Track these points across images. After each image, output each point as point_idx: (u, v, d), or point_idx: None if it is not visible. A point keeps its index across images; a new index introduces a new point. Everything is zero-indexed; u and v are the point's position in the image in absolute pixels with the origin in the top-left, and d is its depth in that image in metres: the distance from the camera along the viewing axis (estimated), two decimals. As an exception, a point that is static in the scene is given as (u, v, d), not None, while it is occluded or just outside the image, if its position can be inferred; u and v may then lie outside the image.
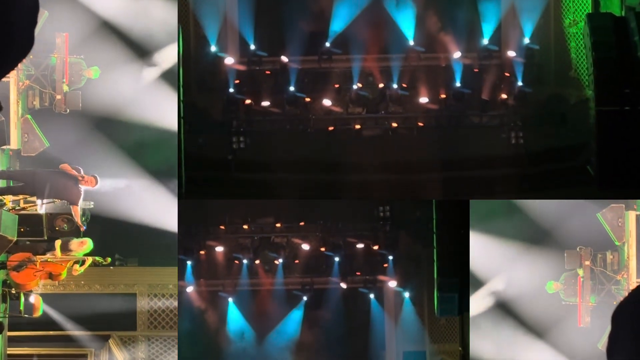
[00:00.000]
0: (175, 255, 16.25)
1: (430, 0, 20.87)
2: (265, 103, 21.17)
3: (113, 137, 14.83)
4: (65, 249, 12.93)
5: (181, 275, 18.81)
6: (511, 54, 20.87)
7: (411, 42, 21.10)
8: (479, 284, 17.92)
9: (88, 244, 13.05)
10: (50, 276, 12.86)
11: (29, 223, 12.85)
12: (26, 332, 13.96)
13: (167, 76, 17.00)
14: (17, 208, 12.79)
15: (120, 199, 14.35)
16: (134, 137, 15.07)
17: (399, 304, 22.00)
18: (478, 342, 17.04)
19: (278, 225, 22.19)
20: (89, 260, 12.95)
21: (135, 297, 14.51)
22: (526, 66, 20.59)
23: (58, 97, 13.08)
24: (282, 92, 21.13)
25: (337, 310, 21.97)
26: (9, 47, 2.95)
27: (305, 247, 22.09)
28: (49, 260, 12.66)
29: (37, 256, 12.84)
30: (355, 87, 21.22)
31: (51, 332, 14.17)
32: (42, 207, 12.52)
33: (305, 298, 22.10)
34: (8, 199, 12.73)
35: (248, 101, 21.01)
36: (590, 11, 20.01)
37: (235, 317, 21.66)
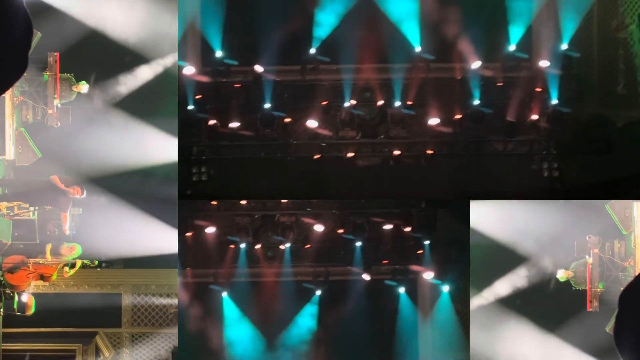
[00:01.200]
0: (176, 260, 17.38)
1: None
2: (235, 124, 18.43)
3: (103, 151, 16.29)
4: (55, 252, 14.99)
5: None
6: (544, 63, 18.20)
7: (418, 49, 18.26)
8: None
9: (77, 249, 15.09)
10: (42, 277, 14.99)
11: (22, 228, 14.75)
12: (19, 329, 15.87)
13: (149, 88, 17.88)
14: (12, 214, 14.80)
15: (108, 210, 16.07)
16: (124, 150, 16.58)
17: (435, 300, 19.19)
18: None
19: (284, 201, 18.99)
20: (79, 263, 15.09)
21: (121, 296, 16.61)
22: (563, 79, 18.21)
23: (50, 111, 14.92)
24: (256, 111, 18.50)
25: (358, 308, 19.18)
26: (4, 70, 3.50)
27: (319, 228, 18.93)
28: (40, 262, 14.83)
29: (30, 259, 14.89)
30: (347, 104, 18.51)
31: (42, 329, 16.09)
32: (34, 213, 14.61)
33: (318, 292, 19.10)
34: (3, 206, 14.72)
35: (212, 121, 18.42)
36: None
37: (232, 316, 18.96)
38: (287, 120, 18.38)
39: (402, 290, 19.18)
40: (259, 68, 18.35)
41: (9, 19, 3.37)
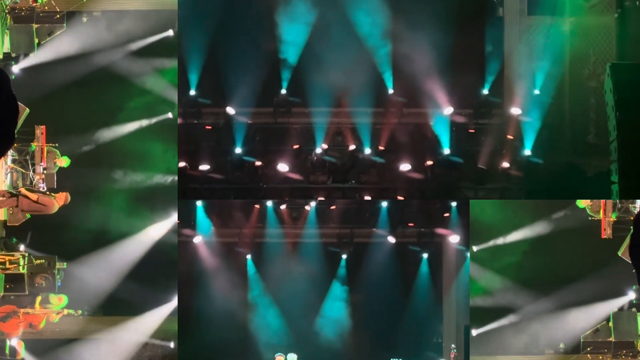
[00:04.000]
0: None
1: (415, 37, 17.06)
2: (204, 167, 17.80)
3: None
4: (45, 302, 16.13)
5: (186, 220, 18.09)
6: (516, 110, 17.92)
7: (391, 91, 17.97)
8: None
9: (64, 299, 16.20)
10: (31, 326, 16.08)
11: (13, 281, 15.74)
12: None
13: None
14: (3, 268, 15.83)
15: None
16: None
17: (460, 265, 18.44)
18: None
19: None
20: (64, 312, 16.28)
21: (100, 341, 17.03)
22: (535, 127, 17.78)
23: (37, 177, 15.91)
24: (227, 154, 17.97)
25: (384, 271, 18.58)
26: None
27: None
28: (29, 312, 16.02)
29: (20, 309, 16.04)
30: (319, 149, 18.07)
31: None
32: (24, 267, 15.78)
33: (344, 256, 18.57)
34: None
35: (182, 164, 17.70)
36: (615, 60, 17.73)
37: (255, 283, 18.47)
38: (258, 164, 17.94)
39: (425, 255, 18.68)
40: (230, 110, 18.02)
41: None
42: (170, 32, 16.74)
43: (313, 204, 18.26)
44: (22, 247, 16.20)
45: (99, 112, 16.82)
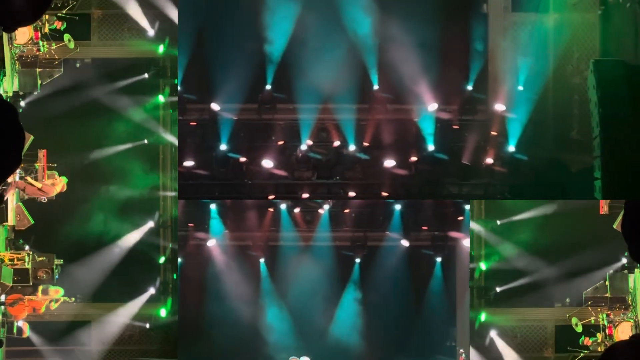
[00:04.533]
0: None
1: (400, 33, 17.02)
2: (189, 163, 17.69)
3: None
4: (45, 293, 19.22)
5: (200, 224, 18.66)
6: (500, 107, 17.82)
7: (375, 87, 17.76)
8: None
9: (61, 291, 19.21)
10: (34, 310, 19.30)
11: (19, 274, 18.92)
12: (17, 347, 20.09)
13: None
14: (12, 264, 19.13)
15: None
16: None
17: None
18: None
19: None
20: (61, 300, 19.34)
21: (90, 323, 20.36)
22: (519, 123, 17.77)
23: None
24: (211, 150, 17.82)
25: (398, 275, 18.68)
26: (4, 167, 5.01)
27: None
28: (33, 299, 19.20)
29: (26, 296, 19.25)
30: (303, 145, 17.94)
31: (34, 348, 20.39)
32: (29, 263, 19.13)
33: (357, 260, 18.54)
34: (7, 257, 19.06)
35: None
36: (598, 57, 17.66)
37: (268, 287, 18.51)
38: (243, 160, 17.84)
39: (439, 259, 18.79)
40: (215, 106, 17.90)
41: (5, 132, 4.91)
42: (146, 75, 19.01)
43: (326, 206, 18.28)
44: (27, 247, 19.58)
45: (89, 137, 19.50)
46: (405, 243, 18.51)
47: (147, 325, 19.91)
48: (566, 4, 18.06)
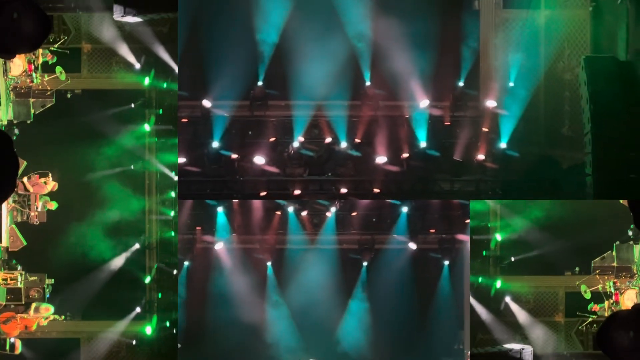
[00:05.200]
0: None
1: (392, 30, 17.13)
2: (181, 160, 17.90)
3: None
4: (37, 310, 19.97)
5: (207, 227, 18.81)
6: (491, 103, 18.03)
7: (368, 83, 17.99)
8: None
9: (51, 309, 19.96)
10: (26, 328, 20.06)
11: (12, 293, 19.89)
12: None
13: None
14: (5, 283, 20.08)
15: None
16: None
17: None
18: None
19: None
20: (51, 317, 20.13)
21: (79, 340, 21.06)
22: (510, 119, 17.98)
23: (32, 214, 19.91)
24: (203, 147, 18.02)
25: (405, 278, 18.86)
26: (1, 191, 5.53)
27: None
28: (25, 317, 20.02)
29: (18, 314, 20.06)
30: (295, 142, 18.13)
31: None
32: (21, 282, 20.13)
33: (365, 263, 18.67)
34: (0, 277, 19.93)
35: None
36: (589, 53, 17.94)
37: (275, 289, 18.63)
38: (235, 157, 18.01)
39: (446, 262, 18.90)
40: (206, 103, 18.00)
41: (1, 161, 5.32)
42: (132, 105, 19.62)
43: (334, 209, 18.41)
44: (19, 267, 20.15)
45: (79, 161, 20.11)
46: (412, 246, 18.72)
47: (134, 342, 20.60)
48: (557, 1, 18.21)
